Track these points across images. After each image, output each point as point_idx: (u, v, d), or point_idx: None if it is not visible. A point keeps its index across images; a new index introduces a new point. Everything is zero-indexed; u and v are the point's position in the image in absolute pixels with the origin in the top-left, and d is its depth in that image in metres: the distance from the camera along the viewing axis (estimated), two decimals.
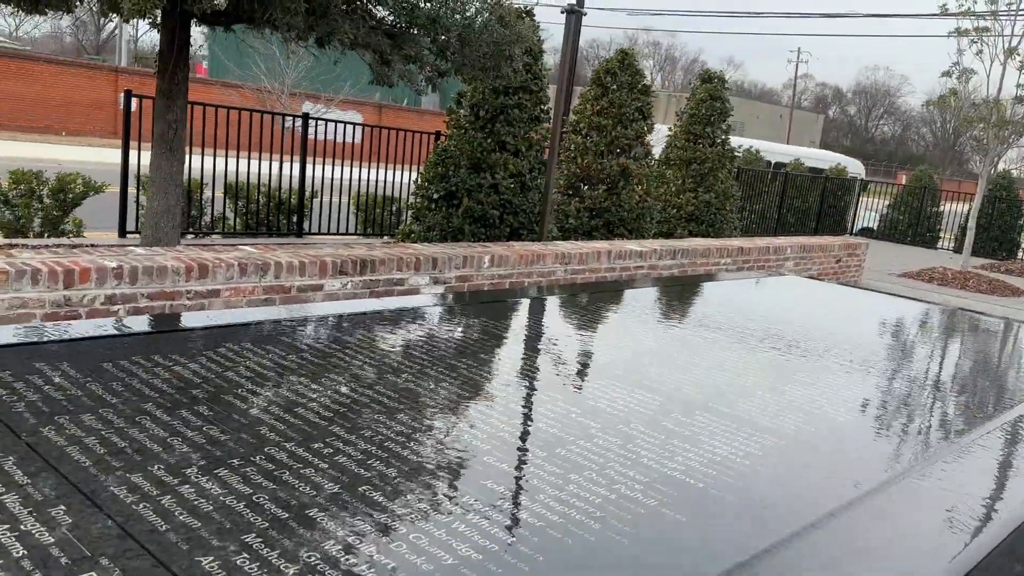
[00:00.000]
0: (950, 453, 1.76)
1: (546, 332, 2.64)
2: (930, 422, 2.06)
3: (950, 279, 10.93)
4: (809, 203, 16.28)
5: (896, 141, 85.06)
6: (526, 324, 2.71)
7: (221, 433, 1.38)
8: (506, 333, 2.46)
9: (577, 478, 1.37)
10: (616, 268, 6.60)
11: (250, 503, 1.16)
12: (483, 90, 7.12)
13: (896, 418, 2.01)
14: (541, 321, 2.82)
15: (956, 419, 2.09)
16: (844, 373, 2.33)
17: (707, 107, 9.71)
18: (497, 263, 5.52)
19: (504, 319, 2.67)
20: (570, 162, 8.55)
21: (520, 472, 1.38)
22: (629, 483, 1.38)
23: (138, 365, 1.67)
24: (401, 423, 1.53)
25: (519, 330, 2.55)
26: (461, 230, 7.09)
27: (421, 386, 1.75)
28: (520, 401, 1.76)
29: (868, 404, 2.06)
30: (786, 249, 8.55)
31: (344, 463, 1.32)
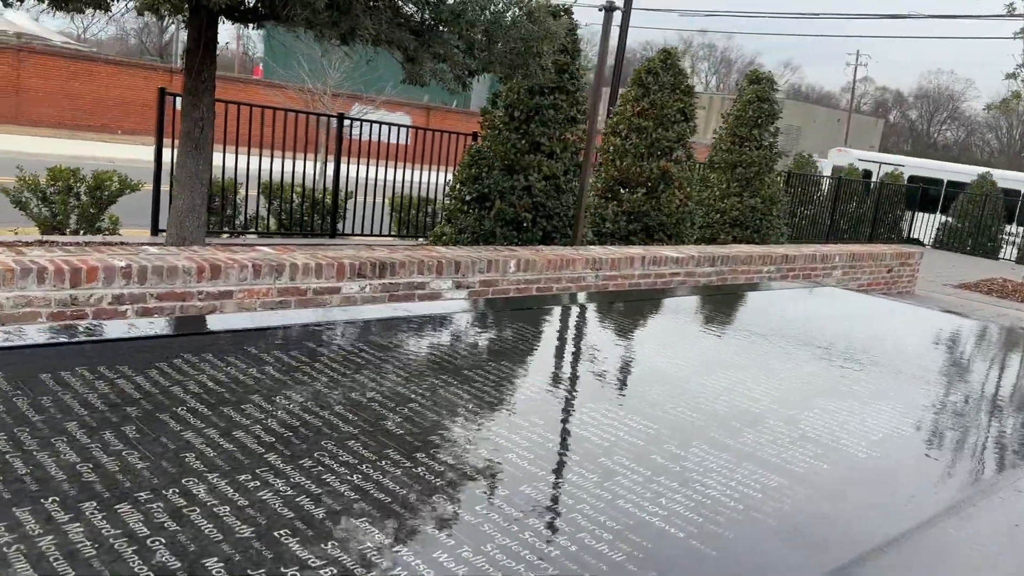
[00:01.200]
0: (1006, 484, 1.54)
1: (555, 345, 2.47)
2: (977, 452, 1.83)
3: (1010, 291, 10.39)
4: (864, 209, 15.73)
5: (959, 147, 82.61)
6: (537, 335, 2.53)
7: (140, 459, 1.24)
8: (512, 344, 2.29)
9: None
10: (651, 275, 6.37)
11: (141, 548, 1.01)
12: (518, 90, 6.95)
13: (928, 456, 1.78)
14: (555, 331, 2.64)
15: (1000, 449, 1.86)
16: (873, 399, 2.10)
17: (754, 109, 9.39)
18: (523, 268, 5.36)
19: (517, 328, 2.50)
20: (608, 164, 8.33)
21: (474, 515, 1.21)
22: (596, 533, 1.20)
23: (79, 377, 1.54)
24: (350, 452, 1.37)
25: (526, 341, 2.38)
26: (492, 233, 6.94)
27: (392, 408, 1.59)
28: (498, 428, 1.59)
29: (894, 439, 1.84)
30: (834, 257, 8.21)
31: (267, 500, 1.16)
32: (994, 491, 1.58)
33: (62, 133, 21.49)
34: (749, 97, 9.47)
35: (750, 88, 9.54)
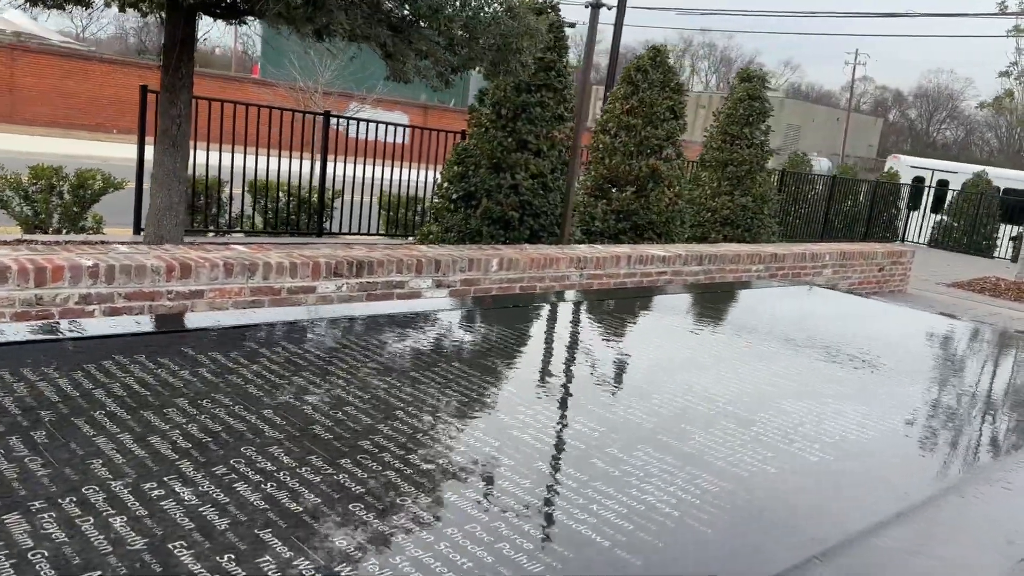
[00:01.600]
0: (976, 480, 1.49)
1: (518, 345, 2.41)
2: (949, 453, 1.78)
3: (1003, 290, 10.33)
4: (859, 207, 15.68)
5: (959, 146, 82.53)
6: (505, 335, 2.48)
7: (43, 466, 1.19)
8: (474, 345, 2.24)
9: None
10: (636, 274, 6.32)
11: (20, 561, 0.96)
12: (504, 87, 6.90)
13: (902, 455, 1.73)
14: (523, 332, 2.58)
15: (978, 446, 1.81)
16: (836, 401, 2.05)
17: (745, 107, 9.33)
18: (506, 267, 5.30)
19: (485, 328, 2.45)
20: (598, 163, 8.27)
21: (387, 526, 1.15)
22: (518, 542, 1.15)
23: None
24: (270, 458, 1.32)
25: (490, 342, 2.32)
26: (479, 232, 6.89)
27: (325, 412, 1.54)
28: (433, 432, 1.53)
29: (850, 441, 1.78)
30: (824, 256, 8.16)
31: (168, 510, 1.11)
32: (940, 499, 1.53)
33: (56, 132, 21.44)
34: (740, 95, 9.41)
35: (741, 86, 9.48)
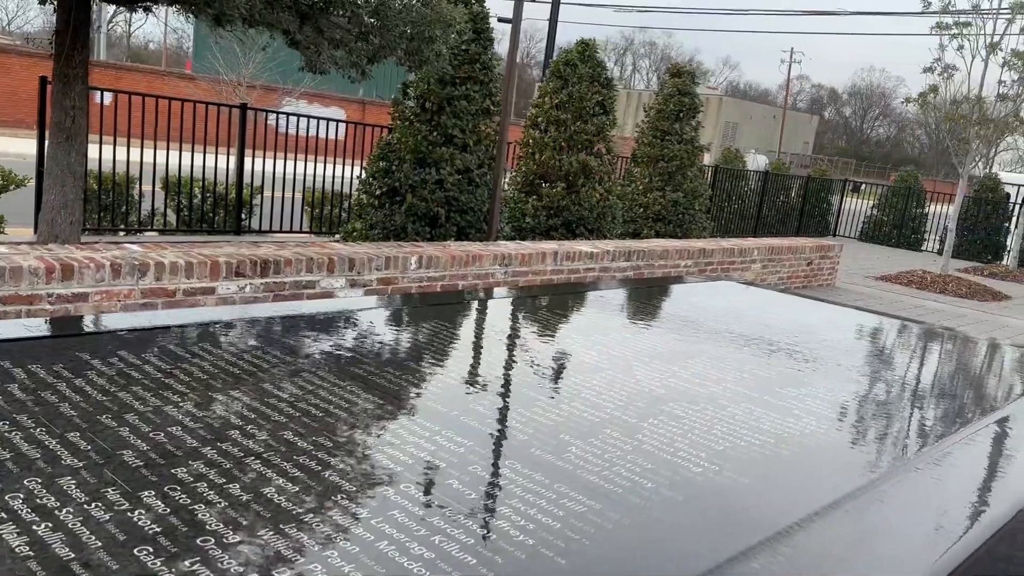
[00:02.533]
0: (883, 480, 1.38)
1: (410, 350, 2.24)
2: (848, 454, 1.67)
3: (929, 283, 10.56)
4: (791, 203, 15.92)
5: (891, 143, 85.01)
6: (399, 337, 2.31)
7: None
8: (355, 349, 2.06)
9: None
10: (564, 270, 6.21)
11: None
12: (429, 80, 6.72)
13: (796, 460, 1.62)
14: (422, 334, 2.41)
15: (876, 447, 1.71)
16: (732, 403, 1.93)
17: (675, 102, 9.31)
18: (426, 264, 5.13)
19: (374, 330, 2.27)
20: (528, 158, 8.15)
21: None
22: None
23: None
24: (56, 491, 1.13)
25: (379, 345, 2.15)
26: (404, 228, 6.69)
27: (144, 435, 1.35)
28: (264, 459, 1.35)
29: (740, 448, 1.66)
30: (753, 251, 8.18)
31: None
32: (820, 520, 1.42)
33: None
34: (670, 91, 9.39)
35: (671, 81, 9.46)
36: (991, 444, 2.01)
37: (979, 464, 1.91)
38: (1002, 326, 8.42)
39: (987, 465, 1.90)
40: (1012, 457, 2.02)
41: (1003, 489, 1.81)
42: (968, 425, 2.12)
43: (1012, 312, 9.60)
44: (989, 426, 2.11)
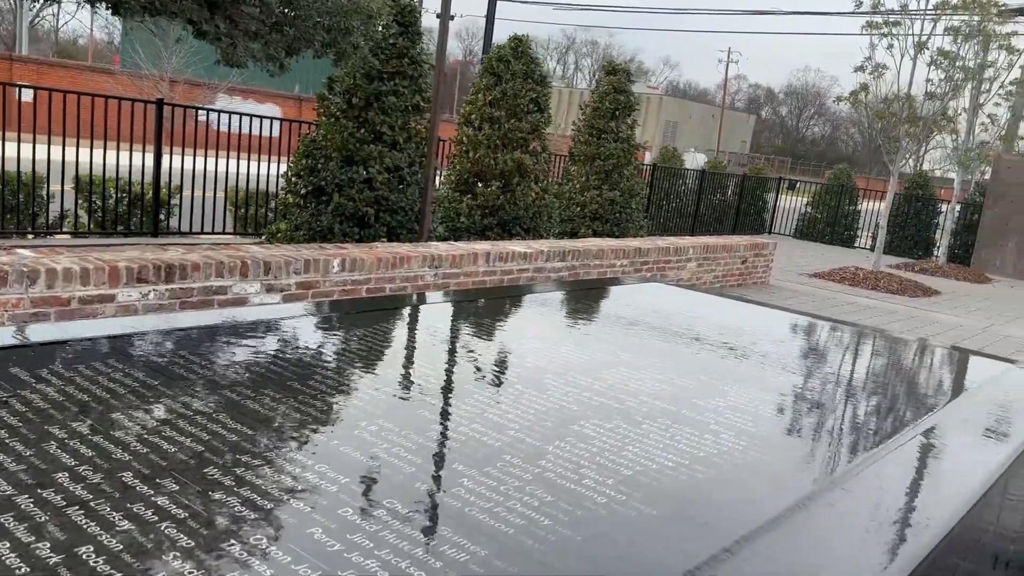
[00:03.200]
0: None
1: (301, 365, 2.04)
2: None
3: (861, 279, 10.71)
4: (728, 201, 16.06)
5: (826, 141, 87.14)
6: (288, 353, 2.10)
7: None
8: (239, 360, 1.85)
9: None
10: (496, 271, 6.05)
11: None
12: (355, 74, 6.49)
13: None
14: (321, 346, 2.21)
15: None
16: (647, 420, 1.79)
17: (611, 100, 9.24)
18: (349, 267, 4.91)
19: (267, 340, 2.06)
20: (462, 156, 7.97)
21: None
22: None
23: None
24: None
25: (266, 356, 1.94)
26: (331, 229, 6.45)
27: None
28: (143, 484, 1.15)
29: (650, 473, 1.52)
30: (688, 250, 8.15)
31: None
32: (731, 560, 1.28)
33: None
34: (605, 89, 9.31)
35: (606, 79, 9.38)
36: (920, 455, 1.91)
37: (911, 476, 1.80)
38: (932, 322, 8.56)
39: (919, 477, 1.79)
40: (944, 465, 1.92)
41: (939, 499, 1.70)
42: (896, 435, 2.02)
43: (942, 307, 9.79)
44: (916, 437, 2.01)
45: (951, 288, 12.03)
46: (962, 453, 2.11)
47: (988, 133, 13.95)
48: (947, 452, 2.08)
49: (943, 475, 1.88)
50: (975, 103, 13.24)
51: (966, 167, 13.99)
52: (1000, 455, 2.16)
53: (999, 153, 15.33)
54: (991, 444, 2.23)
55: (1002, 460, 2.12)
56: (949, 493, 1.81)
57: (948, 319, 8.89)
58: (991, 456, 2.16)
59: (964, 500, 1.77)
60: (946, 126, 11.70)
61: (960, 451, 2.13)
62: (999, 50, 12.38)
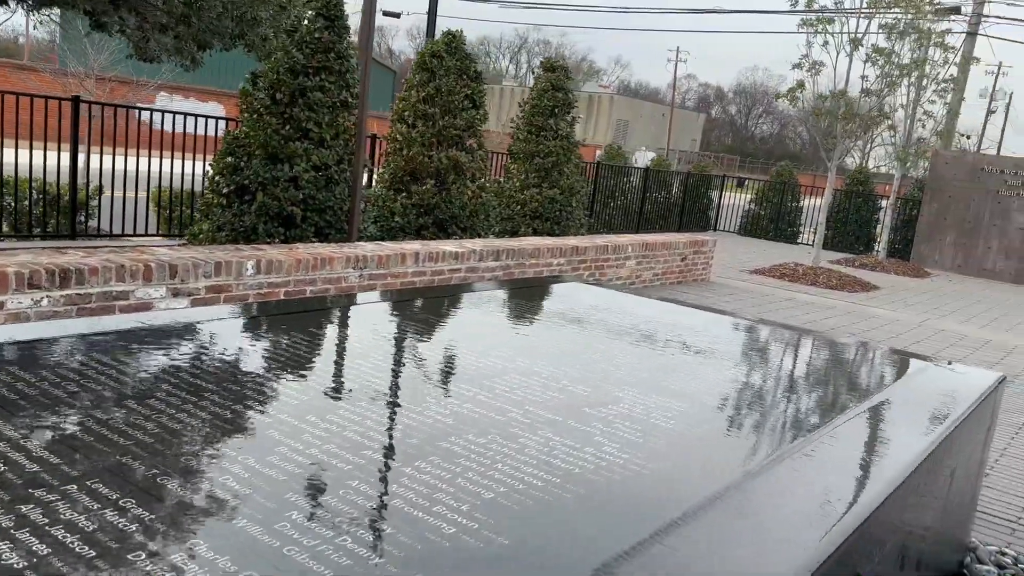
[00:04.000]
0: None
1: (176, 377, 1.87)
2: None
3: (801, 275, 10.78)
4: (673, 199, 16.10)
5: (774, 139, 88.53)
6: (168, 356, 1.91)
7: None
8: (112, 370, 1.67)
9: None
10: (427, 272, 5.89)
11: None
12: (278, 69, 6.26)
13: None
14: (202, 355, 2.02)
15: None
16: (530, 431, 1.65)
17: (549, 97, 9.13)
18: (265, 269, 4.70)
19: (145, 350, 1.88)
20: (396, 154, 7.78)
21: None
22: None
23: None
24: None
25: (139, 366, 1.76)
26: (255, 230, 6.21)
27: None
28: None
29: (519, 492, 1.38)
30: (627, 248, 8.08)
31: None
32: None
33: None
34: (544, 86, 9.20)
35: (545, 76, 9.27)
36: (827, 456, 1.80)
37: (818, 478, 1.70)
38: (870, 316, 8.62)
39: (825, 478, 1.69)
40: (850, 468, 1.83)
41: (846, 499, 1.60)
42: (802, 437, 1.92)
43: (879, 302, 9.89)
44: (824, 438, 1.91)
45: (890, 283, 12.20)
46: (871, 453, 2.02)
47: (926, 129, 14.20)
48: (854, 454, 1.98)
49: (848, 478, 1.78)
50: (912, 99, 13.46)
51: (904, 163, 14.22)
52: (910, 454, 2.07)
53: (937, 149, 15.64)
54: (901, 444, 2.14)
55: (911, 459, 2.03)
56: (857, 493, 1.72)
57: (885, 314, 8.98)
58: (901, 456, 2.07)
59: (873, 498, 1.67)
60: (882, 122, 11.85)
61: (868, 451, 2.04)
62: (934, 47, 12.59)
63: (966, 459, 2.69)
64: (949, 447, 2.38)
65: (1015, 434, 4.78)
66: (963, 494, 2.87)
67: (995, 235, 15.03)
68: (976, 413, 2.61)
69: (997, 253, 15.03)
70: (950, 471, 2.50)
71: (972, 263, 15.24)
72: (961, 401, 2.61)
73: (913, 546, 2.28)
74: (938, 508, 2.53)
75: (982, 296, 11.99)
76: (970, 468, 2.86)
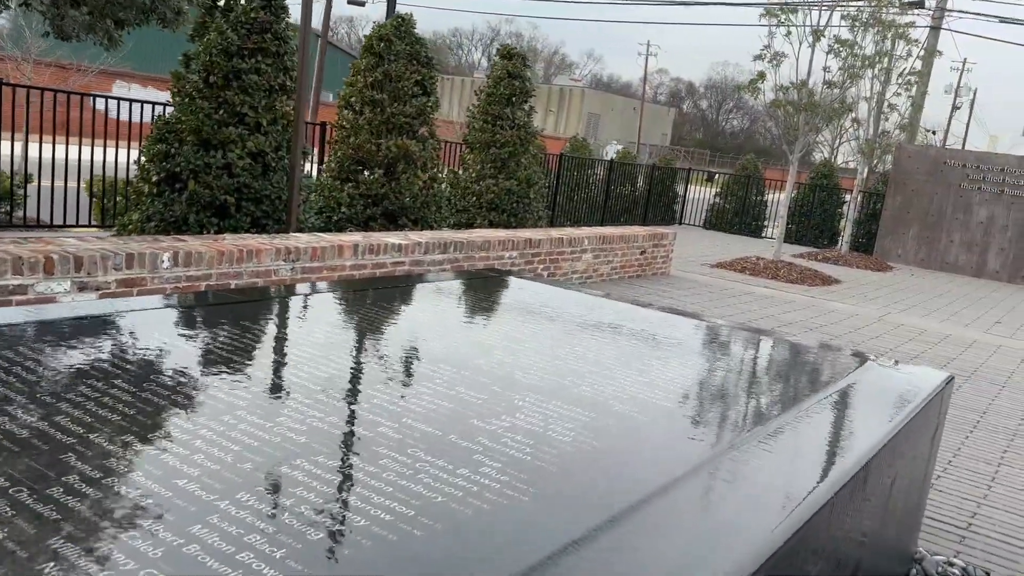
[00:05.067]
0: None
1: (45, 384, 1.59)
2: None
3: (761, 269, 10.65)
4: (638, 192, 15.93)
5: (745, 134, 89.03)
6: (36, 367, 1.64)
7: None
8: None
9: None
10: (367, 265, 5.61)
11: None
12: (211, 50, 5.93)
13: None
14: (89, 356, 1.75)
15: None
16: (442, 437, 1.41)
17: (506, 85, 8.86)
18: (184, 262, 4.40)
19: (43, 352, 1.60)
20: (343, 142, 7.48)
21: None
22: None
23: None
24: None
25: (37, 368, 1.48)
26: (186, 220, 5.89)
27: None
28: None
29: (433, 503, 1.14)
30: (583, 241, 7.86)
31: None
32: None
33: None
34: (500, 73, 8.93)
35: (501, 63, 8.99)
36: (752, 466, 1.58)
37: (738, 489, 1.48)
38: (828, 311, 8.50)
39: (747, 491, 1.47)
40: (777, 481, 1.61)
41: (781, 507, 1.39)
42: (728, 445, 1.69)
43: (839, 296, 9.78)
44: (751, 445, 1.69)
45: (852, 277, 12.13)
46: (800, 461, 1.81)
47: (890, 122, 14.16)
48: (781, 464, 1.77)
49: (774, 492, 1.56)
50: (877, 92, 13.39)
51: (868, 156, 14.17)
52: (846, 462, 1.86)
53: (900, 143, 15.62)
54: (836, 451, 1.93)
55: (847, 468, 1.82)
56: (785, 505, 1.50)
57: (845, 308, 8.86)
58: (835, 464, 1.86)
59: (804, 510, 1.46)
60: (845, 115, 11.75)
61: (797, 460, 1.83)
62: (898, 39, 12.52)
63: (909, 465, 2.49)
64: (890, 453, 2.18)
65: (970, 432, 4.63)
66: (907, 502, 2.68)
67: (957, 229, 15.06)
68: (920, 416, 2.41)
69: (959, 247, 15.06)
70: (891, 479, 2.31)
71: (935, 257, 15.26)
72: (904, 404, 2.41)
73: (851, 558, 2.07)
74: (879, 518, 2.33)
75: (944, 290, 11.96)
76: (915, 474, 2.67)
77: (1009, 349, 7.55)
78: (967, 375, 6.18)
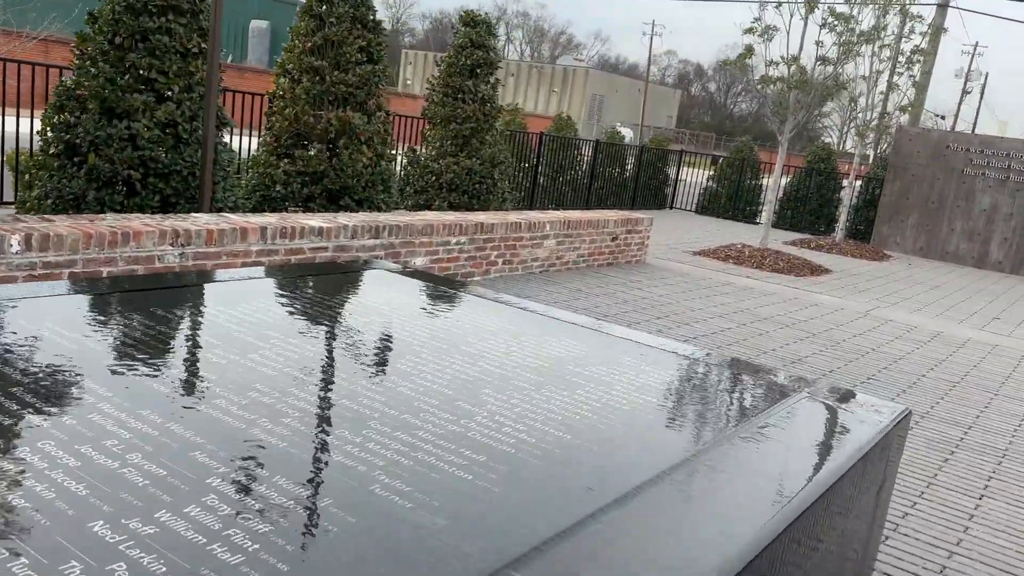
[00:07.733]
0: None
1: None
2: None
3: (747, 257, 9.99)
4: (627, 174, 15.24)
5: (753, 118, 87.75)
6: None
7: None
8: None
9: None
10: (279, 251, 5.00)
11: None
12: (114, 6, 5.31)
13: None
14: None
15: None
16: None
17: (468, 55, 8.19)
18: (39, 246, 3.80)
19: None
20: (279, 114, 6.85)
21: None
22: None
23: None
24: None
25: None
26: (84, 197, 5.29)
27: None
28: None
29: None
30: (545, 226, 7.22)
31: None
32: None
33: None
34: (462, 42, 8.26)
35: (464, 31, 8.32)
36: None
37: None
38: (811, 304, 7.86)
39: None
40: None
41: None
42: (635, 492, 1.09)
43: (826, 288, 9.14)
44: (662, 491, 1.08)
45: (844, 266, 11.47)
46: (700, 529, 1.21)
47: (890, 102, 13.42)
48: (666, 536, 1.18)
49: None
50: (876, 70, 12.66)
51: (864, 136, 13.45)
52: (754, 531, 1.28)
53: (901, 124, 14.89)
54: (747, 516, 1.35)
55: (756, 538, 1.24)
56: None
57: (830, 301, 8.22)
58: (744, 533, 1.28)
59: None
60: (839, 93, 11.05)
61: (696, 527, 1.23)
62: (897, 15, 11.78)
63: (844, 529, 1.89)
64: (814, 517, 1.58)
65: (950, 454, 4.01)
66: (846, 565, 2.08)
67: (959, 216, 14.35)
68: (855, 471, 1.81)
69: (960, 235, 14.37)
70: (815, 545, 1.71)
71: (935, 246, 14.57)
72: (838, 455, 1.80)
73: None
74: None
75: (941, 281, 11.29)
76: (855, 535, 2.06)
77: (1006, 349, 6.91)
78: (955, 381, 5.56)
